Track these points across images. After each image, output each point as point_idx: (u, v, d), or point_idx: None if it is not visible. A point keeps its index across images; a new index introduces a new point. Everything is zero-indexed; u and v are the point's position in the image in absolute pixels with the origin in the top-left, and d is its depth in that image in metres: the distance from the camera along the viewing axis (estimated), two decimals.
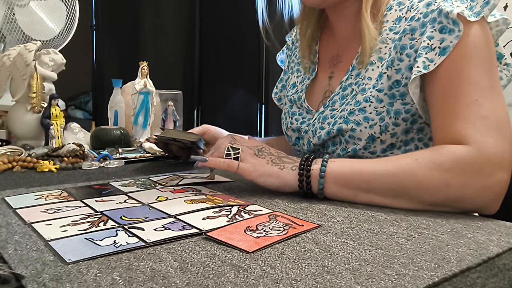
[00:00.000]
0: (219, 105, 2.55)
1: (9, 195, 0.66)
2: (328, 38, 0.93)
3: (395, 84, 0.74)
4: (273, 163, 0.70)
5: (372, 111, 0.76)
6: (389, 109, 0.75)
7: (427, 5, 0.73)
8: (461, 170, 0.61)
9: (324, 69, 0.91)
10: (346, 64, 0.85)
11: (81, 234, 0.50)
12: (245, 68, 2.37)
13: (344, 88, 0.82)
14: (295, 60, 1.01)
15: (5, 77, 1.09)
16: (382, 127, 0.75)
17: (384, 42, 0.78)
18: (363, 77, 0.79)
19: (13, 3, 1.39)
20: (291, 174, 0.68)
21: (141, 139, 1.15)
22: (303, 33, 0.94)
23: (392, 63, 0.75)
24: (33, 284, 0.37)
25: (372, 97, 0.76)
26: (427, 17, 0.72)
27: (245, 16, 2.34)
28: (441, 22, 0.70)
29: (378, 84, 0.76)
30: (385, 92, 0.75)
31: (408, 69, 0.73)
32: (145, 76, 1.17)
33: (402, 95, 0.74)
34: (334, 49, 0.90)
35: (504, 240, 0.51)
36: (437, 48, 0.69)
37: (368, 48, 0.78)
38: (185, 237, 0.49)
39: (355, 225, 0.55)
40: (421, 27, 0.72)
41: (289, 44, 1.07)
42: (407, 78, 0.73)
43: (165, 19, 2.81)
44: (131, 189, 0.70)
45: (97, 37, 3.05)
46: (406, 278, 0.40)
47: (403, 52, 0.74)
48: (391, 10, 0.80)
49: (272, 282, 0.39)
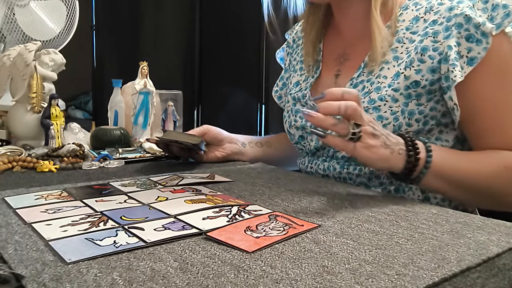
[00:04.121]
0: (219, 105, 2.55)
1: (9, 195, 0.66)
2: (333, 37, 0.93)
3: (413, 84, 0.75)
4: (386, 145, 0.66)
5: (386, 110, 0.76)
6: (404, 109, 0.75)
7: (449, 9, 0.74)
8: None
9: (329, 67, 0.90)
10: (355, 62, 0.84)
11: (81, 234, 0.50)
12: (245, 68, 2.36)
13: (355, 85, 0.82)
14: (297, 58, 1.00)
15: (5, 77, 1.09)
16: (395, 126, 0.76)
17: (401, 42, 0.78)
18: (377, 75, 0.79)
19: (13, 3, 1.39)
20: (398, 160, 0.66)
21: (141, 139, 1.15)
22: (307, 31, 0.93)
23: (411, 63, 0.75)
24: (33, 284, 0.37)
25: (387, 96, 0.76)
26: (451, 21, 0.73)
27: (245, 16, 2.34)
28: (468, 30, 0.71)
29: (394, 84, 0.76)
30: (401, 92, 0.75)
31: (430, 72, 0.74)
32: (145, 76, 1.17)
33: (418, 96, 0.75)
34: (340, 48, 0.90)
35: (504, 240, 0.50)
36: (465, 57, 0.71)
37: (379, 48, 0.78)
38: (185, 237, 0.49)
39: (355, 225, 0.55)
40: (445, 30, 0.73)
41: (290, 42, 1.06)
42: (427, 80, 0.74)
43: (165, 19, 2.81)
44: (131, 189, 0.70)
45: (97, 37, 3.05)
46: (406, 278, 0.40)
47: (425, 54, 0.74)
48: (407, 9, 0.81)
49: (272, 282, 0.39)
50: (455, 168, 0.70)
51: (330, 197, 0.68)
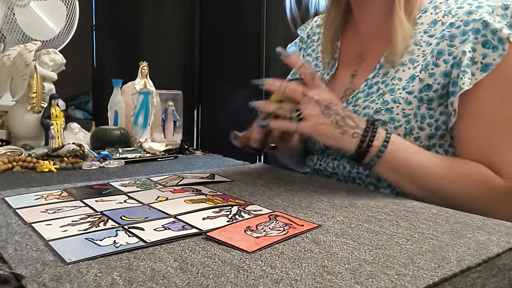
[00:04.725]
0: (219, 105, 2.55)
1: (9, 195, 0.66)
2: (351, 36, 0.92)
3: (425, 88, 0.75)
4: (337, 125, 0.70)
5: (399, 112, 0.75)
6: (417, 112, 0.75)
7: (468, 13, 0.73)
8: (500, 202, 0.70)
9: (346, 67, 0.90)
10: (372, 63, 0.84)
11: (81, 234, 0.50)
12: (245, 68, 2.36)
13: (370, 86, 0.82)
14: (312, 54, 0.99)
15: (5, 77, 1.09)
16: (407, 129, 0.75)
17: (418, 44, 0.78)
18: (392, 77, 0.79)
19: (13, 3, 1.39)
20: (351, 143, 0.70)
21: (141, 139, 1.15)
22: (327, 27, 0.92)
23: (426, 67, 0.75)
24: (33, 284, 0.37)
25: (401, 98, 0.76)
26: (468, 26, 0.72)
27: (245, 16, 2.34)
28: (485, 36, 0.70)
29: (408, 86, 0.76)
30: (415, 95, 0.75)
31: (442, 76, 0.73)
32: (145, 76, 1.17)
33: (429, 100, 0.75)
34: (358, 47, 0.89)
35: (504, 240, 0.50)
36: (479, 63, 0.71)
37: (400, 46, 0.77)
38: (185, 237, 0.49)
39: (355, 225, 0.55)
40: (462, 35, 0.72)
41: (304, 37, 1.04)
42: (439, 84, 0.74)
43: (165, 19, 2.81)
44: (131, 189, 0.70)
45: (97, 37, 3.05)
46: (406, 278, 0.40)
47: (440, 58, 0.74)
48: (426, 13, 0.80)
49: (272, 282, 0.39)
50: (411, 162, 0.70)
51: (330, 197, 0.68)
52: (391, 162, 0.70)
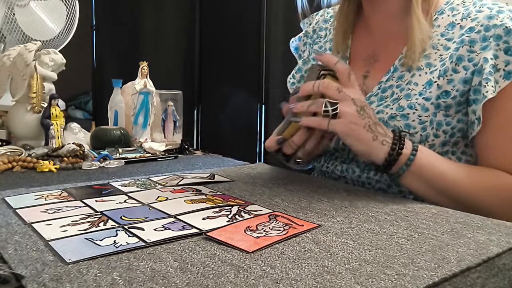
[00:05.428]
0: (219, 105, 2.55)
1: (9, 195, 0.66)
2: (362, 35, 0.88)
3: (443, 94, 0.72)
4: (369, 129, 0.66)
5: (415, 119, 0.73)
6: (433, 119, 0.73)
7: (488, 18, 0.71)
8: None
9: (357, 67, 0.85)
10: (385, 64, 0.81)
11: (81, 234, 0.50)
12: (245, 68, 2.36)
13: (384, 90, 0.79)
14: (319, 51, 0.94)
15: (5, 77, 1.09)
16: (422, 136, 0.73)
17: (435, 48, 0.75)
18: (408, 81, 0.76)
19: (13, 3, 1.39)
20: (381, 150, 0.67)
21: (141, 139, 1.15)
22: (341, 21, 0.88)
23: (445, 72, 0.72)
24: (33, 284, 0.37)
25: (418, 104, 0.73)
26: (489, 31, 0.70)
27: (246, 16, 2.34)
28: (507, 42, 0.69)
29: (426, 92, 0.73)
30: (432, 101, 0.73)
31: (462, 82, 0.72)
32: (145, 76, 1.17)
33: (447, 107, 0.73)
34: (370, 47, 0.85)
35: (504, 240, 0.50)
36: (502, 70, 0.69)
37: (418, 48, 0.74)
38: (185, 237, 0.49)
39: (355, 225, 0.55)
40: (482, 40, 0.70)
41: (309, 32, 0.99)
42: (458, 90, 0.72)
43: (165, 19, 2.81)
44: (131, 189, 0.70)
45: (97, 37, 3.05)
46: (406, 278, 0.40)
47: (460, 64, 0.72)
48: (442, 14, 0.77)
49: (272, 282, 0.39)
50: (439, 174, 0.69)
51: (330, 197, 0.68)
52: (419, 171, 0.68)
